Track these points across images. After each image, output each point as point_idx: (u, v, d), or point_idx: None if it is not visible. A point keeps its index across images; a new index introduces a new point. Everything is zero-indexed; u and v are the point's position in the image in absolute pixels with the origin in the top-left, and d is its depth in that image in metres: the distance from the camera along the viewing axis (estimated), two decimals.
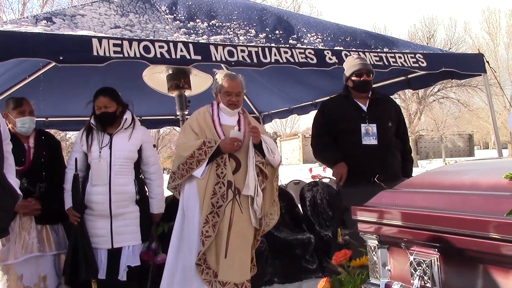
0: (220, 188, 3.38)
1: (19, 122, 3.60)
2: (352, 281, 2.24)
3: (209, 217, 3.34)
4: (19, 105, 3.63)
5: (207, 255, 3.33)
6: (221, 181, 3.39)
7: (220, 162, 3.43)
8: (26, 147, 3.65)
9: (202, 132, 3.53)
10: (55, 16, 3.83)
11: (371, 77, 3.98)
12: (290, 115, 8.37)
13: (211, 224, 3.32)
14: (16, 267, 3.45)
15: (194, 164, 3.39)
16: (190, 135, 3.54)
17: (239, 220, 3.39)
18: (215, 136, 3.50)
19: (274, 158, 3.54)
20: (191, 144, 3.45)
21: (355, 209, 1.98)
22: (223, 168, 3.42)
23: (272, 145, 3.58)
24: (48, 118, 7.18)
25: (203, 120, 3.59)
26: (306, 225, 5.64)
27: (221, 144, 3.42)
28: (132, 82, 5.52)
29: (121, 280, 3.60)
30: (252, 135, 3.47)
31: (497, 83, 7.78)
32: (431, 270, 1.63)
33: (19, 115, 3.61)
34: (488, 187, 1.63)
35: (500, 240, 1.35)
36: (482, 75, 5.20)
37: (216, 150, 3.40)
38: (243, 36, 4.27)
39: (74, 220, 3.53)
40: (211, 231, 3.32)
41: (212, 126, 3.55)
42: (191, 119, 3.66)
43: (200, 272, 3.31)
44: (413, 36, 34.59)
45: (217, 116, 3.60)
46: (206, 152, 3.38)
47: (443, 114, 36.99)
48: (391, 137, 3.98)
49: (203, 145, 3.40)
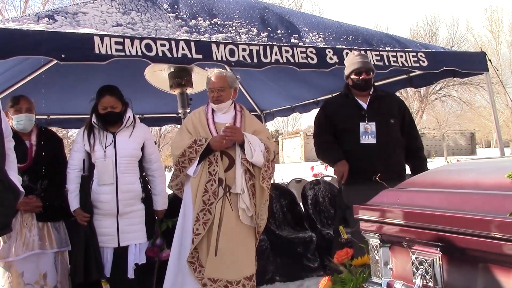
0: (212, 186, 3.38)
1: (15, 120, 3.61)
2: (354, 279, 2.24)
3: (200, 215, 3.35)
4: (16, 103, 3.65)
5: (199, 253, 3.34)
6: (213, 179, 3.39)
7: (212, 159, 3.44)
8: (28, 144, 3.66)
9: (196, 131, 3.55)
10: (57, 13, 3.83)
11: (371, 75, 3.96)
12: (292, 113, 8.37)
13: (202, 222, 3.33)
14: (17, 264, 3.46)
15: (186, 162, 3.42)
16: (185, 134, 3.57)
17: (230, 217, 3.40)
18: (208, 134, 3.51)
19: (251, 159, 3.46)
20: (182, 143, 3.47)
21: (357, 208, 1.98)
22: (215, 166, 3.42)
23: (254, 144, 3.50)
24: (50, 115, 7.21)
25: (197, 119, 3.61)
26: (308, 224, 5.65)
27: (211, 141, 3.43)
28: (134, 80, 5.53)
29: (128, 278, 3.61)
30: (228, 138, 3.44)
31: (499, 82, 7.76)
32: (433, 269, 1.63)
33: (15, 112, 3.63)
34: (490, 186, 1.63)
35: (503, 240, 1.34)
36: (484, 73, 5.19)
37: (207, 147, 3.41)
38: (245, 35, 4.27)
39: (83, 221, 3.54)
40: (201, 228, 3.32)
41: (205, 124, 3.57)
42: (187, 119, 3.71)
43: (193, 270, 3.32)
44: (415, 35, 34.58)
45: (211, 114, 3.63)
46: (197, 150, 3.40)
47: (445, 112, 36.98)
48: (393, 135, 3.95)
49: (194, 144, 3.42)
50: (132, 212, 3.65)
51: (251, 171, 3.52)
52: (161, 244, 3.79)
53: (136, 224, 3.67)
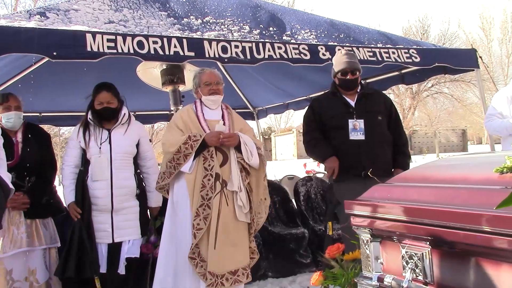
0: (209, 181, 3.39)
1: (5, 117, 3.61)
2: (345, 274, 2.26)
3: (199, 210, 3.35)
4: (5, 100, 3.64)
5: (200, 247, 3.35)
6: (209, 173, 3.40)
7: (207, 155, 3.44)
8: (14, 141, 3.65)
9: (187, 128, 3.54)
10: (49, 11, 3.82)
11: (357, 75, 4.00)
12: (285, 110, 8.39)
13: (202, 217, 3.34)
14: (5, 261, 3.45)
15: (182, 159, 3.40)
16: (175, 132, 3.55)
17: (227, 211, 3.42)
18: (200, 130, 3.51)
19: (250, 161, 3.53)
20: (177, 139, 3.46)
21: (348, 203, 2.00)
22: (210, 161, 3.43)
23: (252, 147, 3.56)
24: (42, 113, 7.17)
25: (187, 116, 3.60)
26: (300, 220, 5.67)
27: (207, 137, 3.43)
28: (126, 77, 5.51)
29: (121, 273, 3.64)
30: (226, 144, 3.48)
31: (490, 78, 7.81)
32: (423, 263, 1.65)
33: (4, 110, 3.63)
34: (478, 181, 1.65)
35: (491, 233, 1.36)
36: (475, 70, 5.23)
37: (202, 143, 3.42)
38: (237, 33, 4.28)
39: (75, 215, 3.55)
40: (202, 223, 3.33)
41: (196, 121, 3.57)
42: (175, 117, 3.68)
43: (194, 266, 3.33)
44: (407, 32, 34.69)
45: (201, 112, 3.63)
46: (192, 146, 3.39)
47: (436, 109, 37.08)
48: (381, 132, 3.99)
49: (188, 139, 3.41)
50: (127, 208, 3.68)
51: (248, 170, 3.55)
52: (155, 241, 3.81)
53: (131, 220, 3.70)
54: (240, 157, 3.52)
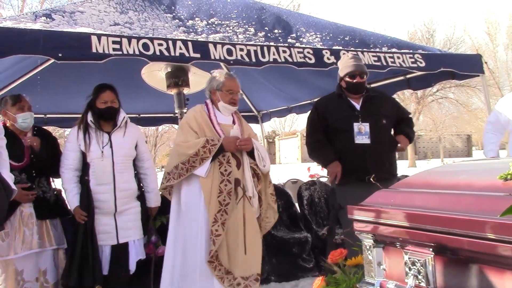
0: (226, 186, 3.37)
1: (20, 118, 3.62)
2: (348, 280, 2.25)
3: (217, 216, 3.32)
4: (18, 101, 3.66)
5: (219, 253, 3.33)
6: (226, 179, 3.38)
7: (222, 160, 3.42)
8: (24, 143, 3.66)
9: (202, 130, 3.51)
10: (55, 12, 3.83)
11: (364, 79, 3.99)
12: (289, 114, 8.39)
13: (220, 223, 3.32)
14: (16, 262, 3.47)
15: (198, 162, 3.36)
16: (190, 133, 3.51)
17: (252, 216, 3.44)
18: (214, 134, 3.49)
19: (264, 167, 3.58)
20: (195, 142, 3.42)
21: (351, 208, 1.99)
22: (227, 166, 3.41)
23: (264, 153, 3.60)
24: (47, 114, 7.20)
25: (200, 118, 3.57)
26: (303, 224, 5.66)
27: (224, 142, 3.42)
28: (131, 80, 5.53)
29: (127, 274, 3.67)
30: (243, 148, 3.49)
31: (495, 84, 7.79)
32: (426, 270, 1.64)
33: (19, 110, 3.64)
34: (482, 187, 1.64)
35: (495, 240, 1.35)
36: (480, 75, 5.21)
37: (219, 148, 3.40)
38: (242, 35, 4.28)
39: (81, 219, 3.55)
40: (221, 229, 3.31)
41: (210, 125, 3.54)
42: (189, 118, 3.62)
43: (213, 269, 3.31)
44: (412, 37, 34.59)
45: (214, 115, 3.60)
46: (210, 150, 3.37)
47: (441, 114, 37.01)
48: (386, 135, 3.98)
49: (206, 143, 3.39)
50: (129, 209, 3.70)
51: (259, 175, 3.57)
52: (156, 241, 3.85)
53: (133, 221, 3.72)
54: (252, 162, 3.52)
